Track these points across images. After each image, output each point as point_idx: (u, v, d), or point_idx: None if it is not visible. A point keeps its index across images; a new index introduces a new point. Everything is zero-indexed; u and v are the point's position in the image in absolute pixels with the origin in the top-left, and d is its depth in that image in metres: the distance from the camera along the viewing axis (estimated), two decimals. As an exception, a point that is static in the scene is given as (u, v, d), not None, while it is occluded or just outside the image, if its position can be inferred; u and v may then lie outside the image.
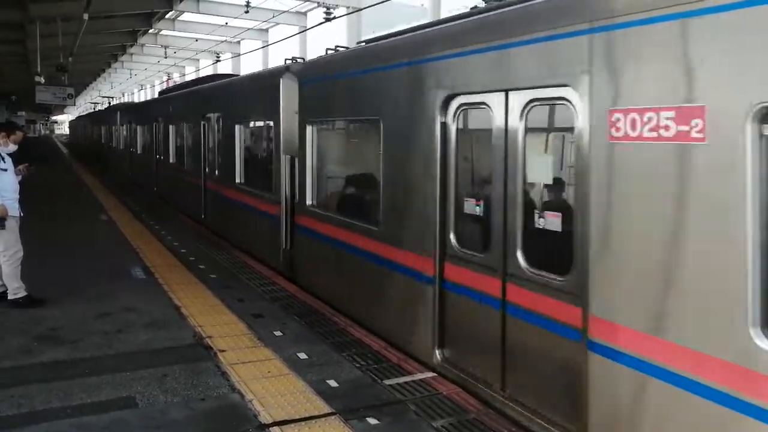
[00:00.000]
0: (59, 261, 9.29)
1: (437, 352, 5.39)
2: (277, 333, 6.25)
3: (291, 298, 7.54)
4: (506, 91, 4.62)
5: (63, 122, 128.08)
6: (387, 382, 5.09)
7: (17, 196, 7.17)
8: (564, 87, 4.07)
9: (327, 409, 4.57)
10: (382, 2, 15.53)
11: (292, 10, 25.79)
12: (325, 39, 28.50)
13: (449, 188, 5.26)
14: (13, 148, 7.34)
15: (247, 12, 23.11)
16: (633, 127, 3.55)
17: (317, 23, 20.77)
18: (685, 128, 3.25)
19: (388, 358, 5.64)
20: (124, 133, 25.01)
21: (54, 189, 18.50)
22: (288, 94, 8.48)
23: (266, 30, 31.10)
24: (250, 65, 32.49)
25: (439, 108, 5.25)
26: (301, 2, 23.84)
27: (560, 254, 4.17)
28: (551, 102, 4.33)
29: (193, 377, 5.14)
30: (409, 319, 5.76)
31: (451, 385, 5.02)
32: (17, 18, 21.64)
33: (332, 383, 5.05)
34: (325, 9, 20.35)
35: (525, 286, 4.47)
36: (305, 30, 26.26)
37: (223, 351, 5.71)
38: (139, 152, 21.69)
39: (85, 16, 18.46)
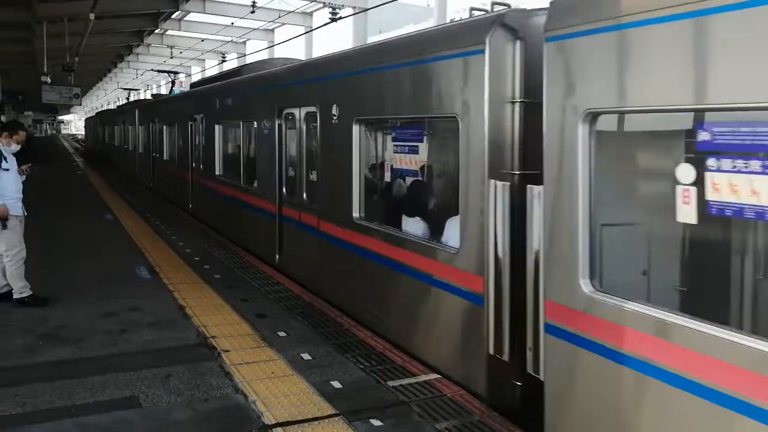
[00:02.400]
0: (64, 259, 9.31)
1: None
2: (281, 333, 6.24)
3: (295, 299, 7.53)
4: None
5: (69, 122, 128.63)
6: (391, 383, 5.07)
7: (20, 196, 7.17)
8: None
9: (330, 411, 4.56)
10: (388, 2, 15.52)
11: (297, 11, 25.82)
12: (331, 40, 28.49)
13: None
14: (15, 148, 7.32)
15: (253, 12, 23.15)
16: None
17: (323, 23, 20.79)
18: None
19: (393, 359, 5.62)
20: (149, 135, 20.85)
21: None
22: (499, 68, 4.68)
23: (272, 30, 31.14)
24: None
25: None
26: (307, 3, 23.85)
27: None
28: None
29: (197, 377, 5.14)
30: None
31: (455, 387, 5.00)
32: (24, 18, 21.73)
33: (336, 384, 5.03)
34: (330, 9, 20.37)
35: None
36: (311, 30, 26.27)
37: (227, 351, 5.70)
38: (165, 159, 18.28)
39: (92, 16, 18.54)
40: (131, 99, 36.13)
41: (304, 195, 8.25)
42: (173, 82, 24.10)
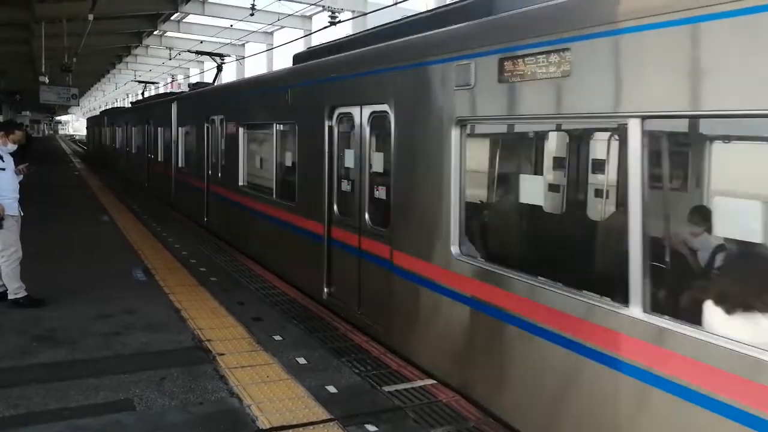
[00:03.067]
0: (59, 261, 9.28)
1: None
2: (277, 337, 6.22)
3: (291, 303, 7.51)
4: None
5: (67, 122, 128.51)
6: (386, 388, 5.06)
7: (17, 196, 7.15)
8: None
9: (325, 416, 4.54)
10: (387, 7, 15.55)
11: (297, 14, 25.85)
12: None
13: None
14: (12, 147, 7.31)
15: (252, 15, 23.16)
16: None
17: (322, 27, 20.81)
18: None
19: (388, 364, 5.61)
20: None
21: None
22: None
23: (271, 33, 31.19)
24: (254, 68, 32.48)
25: None
26: (306, 6, 23.88)
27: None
28: None
29: (192, 381, 5.11)
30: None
31: (450, 393, 4.99)
32: (23, 18, 21.73)
33: (331, 389, 5.02)
34: (330, 13, 20.40)
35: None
36: (310, 33, 26.31)
37: (222, 354, 5.69)
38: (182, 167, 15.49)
39: (90, 17, 18.54)
40: (145, 93, 31.43)
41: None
42: (220, 68, 16.67)
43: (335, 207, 7.18)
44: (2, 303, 7.00)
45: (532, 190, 4.80)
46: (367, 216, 6.53)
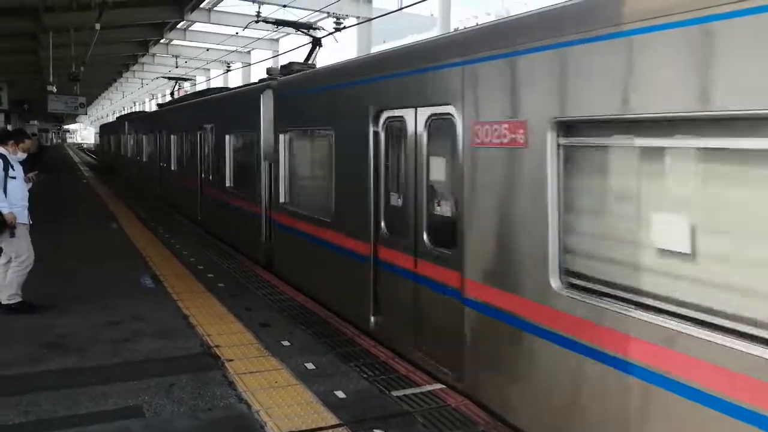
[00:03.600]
0: (68, 268, 9.32)
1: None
2: (285, 343, 6.22)
3: (298, 308, 7.52)
4: None
5: (75, 131, 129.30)
6: (395, 393, 5.05)
7: (26, 204, 7.21)
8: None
9: (334, 421, 4.54)
10: (392, 12, 15.59)
11: (301, 20, 25.92)
12: (335, 49, 28.59)
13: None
14: (22, 156, 7.38)
15: (257, 22, 23.25)
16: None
17: (327, 33, 20.86)
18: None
19: (396, 368, 5.60)
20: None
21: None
22: None
23: (277, 40, 31.29)
24: (261, 75, 32.59)
25: None
26: (312, 12, 23.96)
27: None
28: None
29: (200, 387, 5.12)
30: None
31: (459, 397, 4.97)
32: (30, 28, 21.88)
33: (340, 394, 5.01)
34: (335, 19, 20.46)
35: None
36: (317, 39, 26.32)
37: (231, 360, 5.69)
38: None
39: (98, 26, 18.65)
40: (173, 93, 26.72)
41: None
42: (312, 48, 12.10)
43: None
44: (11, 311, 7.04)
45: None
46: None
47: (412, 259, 5.82)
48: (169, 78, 26.76)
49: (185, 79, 31.90)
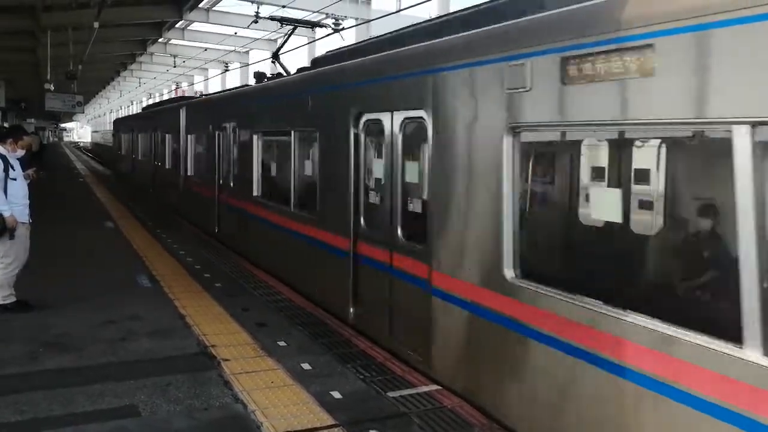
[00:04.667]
0: (66, 268, 9.31)
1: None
2: (281, 343, 6.23)
3: (295, 309, 7.52)
4: None
5: (72, 129, 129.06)
6: (391, 394, 5.06)
7: (27, 202, 7.17)
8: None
9: (330, 421, 4.55)
10: (390, 14, 15.62)
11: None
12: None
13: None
14: (21, 153, 7.31)
15: (256, 22, 23.25)
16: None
17: (326, 34, 20.91)
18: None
19: (393, 369, 5.61)
20: None
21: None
22: None
23: (275, 40, 31.28)
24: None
25: None
26: (310, 13, 23.97)
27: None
28: None
29: (197, 386, 5.13)
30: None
31: (455, 398, 4.99)
32: (28, 26, 21.86)
33: (336, 395, 5.02)
34: (334, 20, 20.48)
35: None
36: (314, 41, 26.39)
37: (227, 360, 5.70)
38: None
39: (96, 25, 18.64)
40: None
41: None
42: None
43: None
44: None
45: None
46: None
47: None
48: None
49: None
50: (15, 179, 7.02)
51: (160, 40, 30.93)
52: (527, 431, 4.36)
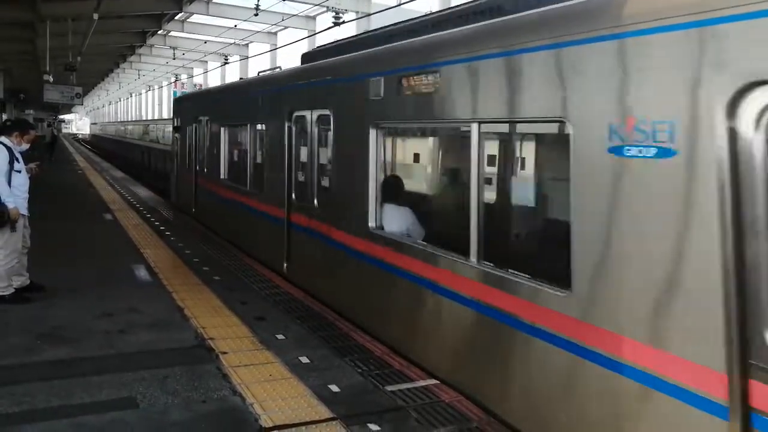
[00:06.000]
0: (63, 260, 9.30)
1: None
2: (280, 336, 6.23)
3: (294, 302, 7.52)
4: None
5: (70, 121, 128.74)
6: (389, 388, 5.06)
7: (27, 196, 7.21)
8: None
9: (328, 414, 4.55)
10: (391, 8, 15.57)
11: (301, 14, 25.88)
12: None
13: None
14: (25, 147, 7.36)
15: (256, 15, 23.20)
16: None
17: (326, 27, 20.84)
18: None
19: (391, 363, 5.61)
20: None
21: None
22: None
23: (275, 33, 31.23)
24: (258, 68, 32.50)
25: None
26: (310, 6, 23.89)
27: None
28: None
29: (195, 379, 5.12)
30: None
31: (453, 393, 4.99)
32: (28, 17, 21.79)
33: (334, 388, 5.02)
34: (334, 13, 20.43)
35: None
36: (314, 34, 26.34)
37: (225, 353, 5.70)
38: None
39: (95, 16, 18.60)
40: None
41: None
42: None
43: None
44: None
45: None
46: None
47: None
48: None
49: None
50: (19, 171, 7.08)
51: (159, 32, 30.87)
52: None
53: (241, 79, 14.20)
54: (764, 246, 2.85)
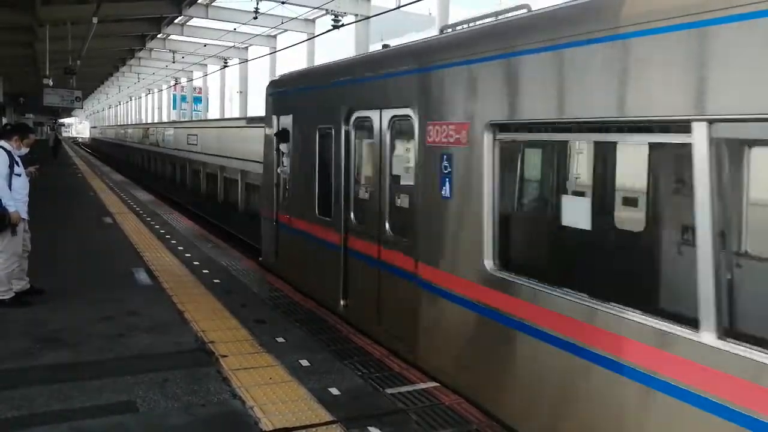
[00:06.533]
0: (63, 264, 9.29)
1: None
2: (279, 339, 6.22)
3: (293, 305, 7.52)
4: None
5: (70, 125, 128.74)
6: (389, 390, 5.06)
7: (27, 199, 7.22)
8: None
9: (328, 418, 4.54)
10: (390, 11, 15.59)
11: (300, 18, 25.89)
12: (333, 46, 28.66)
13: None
14: (25, 150, 7.37)
15: (255, 18, 23.20)
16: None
17: (325, 31, 20.85)
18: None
19: (390, 366, 5.60)
20: None
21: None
22: None
23: (274, 36, 31.24)
24: (257, 71, 32.53)
25: None
26: (310, 9, 23.91)
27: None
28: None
29: (195, 382, 5.11)
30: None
31: (453, 396, 4.98)
32: (27, 21, 21.78)
33: (334, 391, 5.02)
34: (333, 17, 20.43)
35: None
36: (313, 37, 26.36)
37: (225, 356, 5.69)
38: None
39: (95, 20, 18.58)
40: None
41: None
42: None
43: None
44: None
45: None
46: None
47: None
48: None
49: None
50: (19, 175, 7.10)
51: (159, 35, 30.87)
52: None
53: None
54: None
